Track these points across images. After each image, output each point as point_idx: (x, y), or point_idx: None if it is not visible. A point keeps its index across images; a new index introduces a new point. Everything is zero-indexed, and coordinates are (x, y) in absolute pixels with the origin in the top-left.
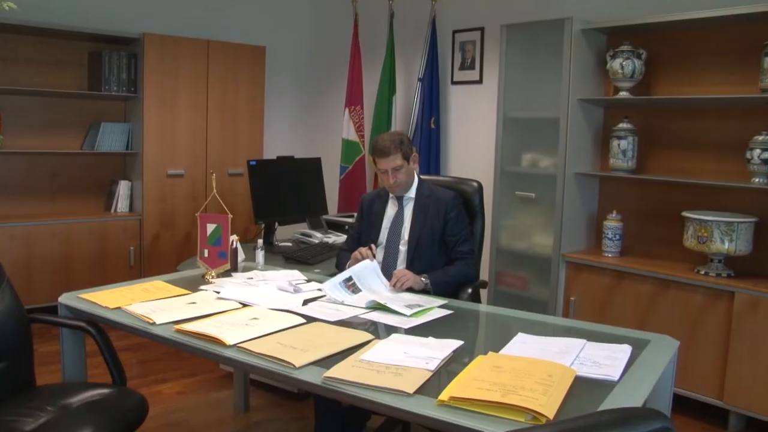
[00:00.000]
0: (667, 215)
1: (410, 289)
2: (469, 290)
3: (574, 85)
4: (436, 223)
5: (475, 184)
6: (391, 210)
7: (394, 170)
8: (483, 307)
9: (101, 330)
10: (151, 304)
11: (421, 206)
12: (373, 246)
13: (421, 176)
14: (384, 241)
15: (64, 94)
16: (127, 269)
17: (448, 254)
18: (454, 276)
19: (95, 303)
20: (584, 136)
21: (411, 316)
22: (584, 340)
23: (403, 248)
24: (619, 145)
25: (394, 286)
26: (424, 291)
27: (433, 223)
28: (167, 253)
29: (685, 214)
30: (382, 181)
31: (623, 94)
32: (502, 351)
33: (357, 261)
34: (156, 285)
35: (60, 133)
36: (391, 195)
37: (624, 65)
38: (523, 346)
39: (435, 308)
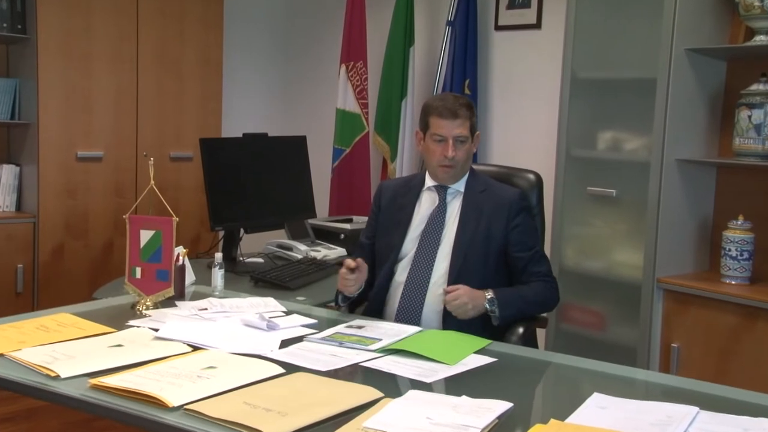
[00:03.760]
0: None
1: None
2: (520, 329)
3: (680, 29)
4: (496, 230)
5: (531, 176)
6: (426, 206)
7: (456, 140)
8: (541, 354)
9: None
10: (54, 348)
11: (473, 204)
12: (360, 260)
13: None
14: (413, 252)
15: None
16: (12, 297)
17: (507, 276)
18: (531, 301)
19: None
20: (694, 105)
21: (441, 361)
22: (696, 408)
23: (442, 263)
24: (750, 117)
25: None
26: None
27: (490, 228)
28: (77, 273)
29: None
30: (431, 156)
31: (761, 39)
32: (570, 419)
33: (348, 281)
34: (61, 320)
35: None
36: (427, 185)
37: None
38: (601, 412)
39: (472, 353)
